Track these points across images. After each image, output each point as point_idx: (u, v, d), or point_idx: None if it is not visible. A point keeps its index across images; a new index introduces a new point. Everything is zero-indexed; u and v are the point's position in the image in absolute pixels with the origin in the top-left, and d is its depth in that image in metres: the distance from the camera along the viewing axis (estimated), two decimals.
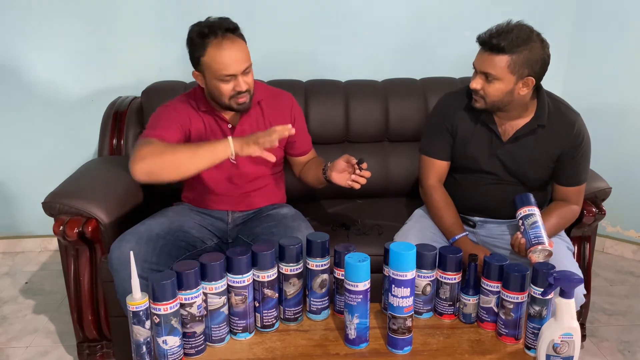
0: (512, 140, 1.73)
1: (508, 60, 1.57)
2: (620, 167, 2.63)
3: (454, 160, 1.83)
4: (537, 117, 1.70)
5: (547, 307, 1.33)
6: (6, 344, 2.14)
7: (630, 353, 2.07)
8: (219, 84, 1.67)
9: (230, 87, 1.67)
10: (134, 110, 2.31)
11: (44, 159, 2.72)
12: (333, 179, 1.69)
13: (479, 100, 1.68)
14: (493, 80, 1.61)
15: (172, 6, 2.52)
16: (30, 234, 2.87)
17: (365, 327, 1.37)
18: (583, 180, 1.78)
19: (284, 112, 1.87)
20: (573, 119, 1.72)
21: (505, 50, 1.56)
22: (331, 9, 2.56)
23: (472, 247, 1.70)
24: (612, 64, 2.64)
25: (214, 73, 1.65)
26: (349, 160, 1.65)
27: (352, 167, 1.64)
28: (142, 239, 1.64)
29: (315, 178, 1.83)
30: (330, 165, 1.71)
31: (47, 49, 2.56)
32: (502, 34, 1.55)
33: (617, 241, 2.86)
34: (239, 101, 1.71)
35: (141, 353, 1.26)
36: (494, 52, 1.57)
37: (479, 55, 1.63)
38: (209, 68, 1.65)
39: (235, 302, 1.37)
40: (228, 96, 1.69)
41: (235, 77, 1.66)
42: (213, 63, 1.63)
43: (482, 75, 1.62)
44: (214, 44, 1.63)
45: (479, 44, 1.61)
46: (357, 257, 1.33)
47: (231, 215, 1.88)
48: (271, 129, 1.51)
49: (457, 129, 1.79)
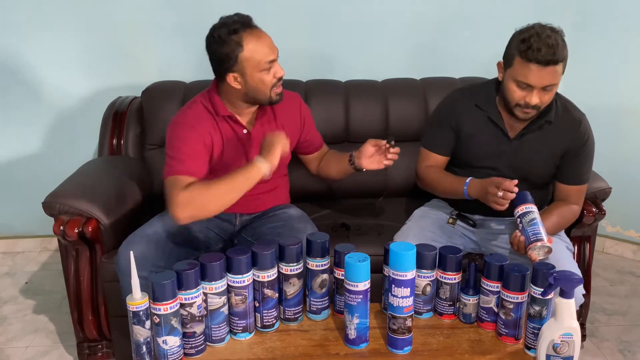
0: (519, 137, 1.74)
1: (562, 65, 1.58)
2: (620, 167, 2.63)
3: (458, 157, 1.84)
4: (545, 114, 1.70)
5: (547, 307, 1.33)
6: (6, 344, 2.14)
7: (630, 353, 2.07)
8: (262, 75, 1.64)
9: (271, 76, 1.66)
10: (134, 110, 2.31)
11: (44, 158, 2.72)
12: (364, 166, 1.75)
13: (531, 112, 1.65)
14: (552, 88, 1.61)
15: (173, 6, 2.51)
16: (30, 234, 2.87)
17: (365, 327, 1.37)
18: (585, 180, 1.78)
19: (294, 113, 1.87)
20: (579, 117, 1.74)
21: (560, 59, 1.56)
22: (331, 9, 2.56)
23: (486, 182, 1.64)
24: (612, 64, 2.64)
25: (257, 64, 1.62)
26: (377, 143, 1.71)
27: (383, 149, 1.71)
28: (152, 242, 1.64)
29: (340, 171, 1.87)
30: (357, 154, 1.76)
31: (47, 48, 2.56)
32: (553, 47, 1.53)
33: (617, 241, 2.85)
34: (277, 91, 1.70)
35: (141, 353, 1.26)
36: (550, 65, 1.55)
37: (535, 73, 1.56)
38: (251, 61, 1.62)
39: (235, 302, 1.37)
40: (270, 86, 1.67)
41: (273, 63, 1.66)
42: (255, 54, 1.62)
43: (541, 89, 1.60)
44: (248, 36, 1.61)
45: (536, 63, 1.55)
46: (357, 257, 1.33)
47: (239, 218, 1.87)
48: (276, 133, 1.57)
49: (462, 127, 1.79)
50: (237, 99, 1.72)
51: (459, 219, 1.87)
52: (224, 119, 1.74)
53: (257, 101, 1.72)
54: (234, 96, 1.71)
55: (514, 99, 1.63)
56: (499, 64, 1.69)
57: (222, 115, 1.73)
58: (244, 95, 1.70)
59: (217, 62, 1.66)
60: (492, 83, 1.79)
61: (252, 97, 1.70)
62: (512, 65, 1.60)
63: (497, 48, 1.75)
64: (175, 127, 1.70)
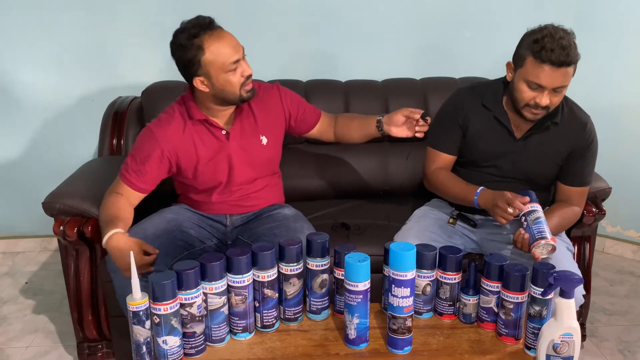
0: (525, 137, 1.74)
1: (574, 67, 1.58)
2: (620, 167, 2.63)
3: (463, 156, 1.84)
4: (551, 115, 1.70)
5: (547, 307, 1.33)
6: (6, 344, 2.14)
7: (630, 353, 2.07)
8: (229, 76, 1.64)
9: (238, 75, 1.65)
10: (134, 110, 2.31)
11: (44, 158, 2.72)
12: (393, 133, 1.75)
13: (540, 113, 1.65)
14: (562, 90, 1.60)
15: (173, 6, 2.51)
16: (30, 234, 2.87)
17: (365, 327, 1.37)
18: (587, 182, 1.78)
19: (274, 106, 1.85)
20: (585, 119, 1.74)
21: (573, 61, 1.56)
22: (331, 10, 2.56)
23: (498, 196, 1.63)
24: (612, 64, 2.64)
25: (221, 66, 1.62)
26: (410, 114, 1.71)
27: (414, 120, 1.71)
28: (148, 236, 1.64)
29: (364, 135, 1.87)
30: (387, 120, 1.76)
31: (47, 48, 2.56)
32: (566, 48, 1.53)
33: (617, 241, 2.85)
34: (247, 88, 1.69)
35: (141, 353, 1.26)
36: (563, 66, 1.55)
37: (548, 74, 1.55)
38: (214, 64, 1.62)
39: (235, 302, 1.37)
40: (239, 85, 1.66)
41: (239, 63, 1.65)
42: (217, 56, 1.61)
43: (551, 90, 1.59)
44: (209, 39, 1.61)
45: (549, 64, 1.54)
46: (357, 257, 1.33)
47: (229, 219, 1.87)
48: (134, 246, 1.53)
49: (469, 125, 1.79)
50: (209, 101, 1.72)
51: (460, 219, 1.87)
52: (200, 123, 1.75)
53: (228, 102, 1.71)
54: (205, 99, 1.72)
55: (524, 99, 1.62)
56: (509, 64, 1.68)
57: (197, 119, 1.74)
58: (213, 98, 1.70)
59: (182, 68, 1.67)
60: (499, 83, 1.78)
61: (221, 98, 1.70)
62: (524, 65, 1.59)
63: (497, 48, 1.76)
64: (143, 132, 1.77)
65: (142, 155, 1.71)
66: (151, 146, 1.72)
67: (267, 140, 1.81)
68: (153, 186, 1.75)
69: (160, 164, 1.72)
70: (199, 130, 1.75)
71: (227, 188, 1.82)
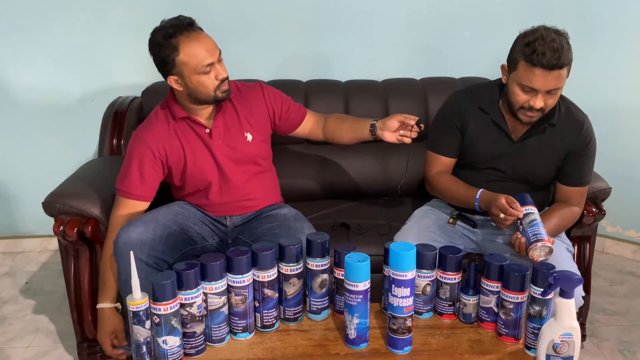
0: (522, 139, 1.74)
1: (567, 68, 1.57)
2: (620, 167, 2.63)
3: (462, 158, 1.84)
4: (548, 116, 1.70)
5: (547, 307, 1.33)
6: (6, 344, 2.14)
7: (630, 353, 2.07)
8: (202, 78, 1.65)
9: (212, 78, 1.66)
10: (134, 110, 2.31)
11: (44, 158, 2.72)
12: (386, 138, 1.75)
13: (535, 116, 1.65)
14: (556, 92, 1.60)
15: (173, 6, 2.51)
16: (30, 234, 2.87)
17: (365, 327, 1.37)
18: (586, 182, 1.78)
19: (257, 104, 1.85)
20: (582, 119, 1.74)
21: (565, 63, 1.55)
22: (331, 10, 2.56)
23: (493, 201, 1.64)
24: (612, 64, 2.64)
25: (194, 68, 1.63)
26: (404, 120, 1.70)
27: (408, 126, 1.71)
28: (150, 226, 1.65)
29: (356, 137, 1.87)
30: (381, 125, 1.75)
31: (47, 48, 2.56)
32: (558, 51, 1.52)
33: (617, 241, 2.85)
34: (223, 89, 1.70)
35: (141, 353, 1.26)
36: (555, 69, 1.54)
37: (540, 77, 1.55)
38: (187, 65, 1.63)
39: (235, 302, 1.37)
40: (213, 88, 1.67)
41: (213, 66, 1.66)
42: (190, 58, 1.63)
43: (545, 93, 1.59)
44: (184, 40, 1.62)
45: (541, 67, 1.54)
46: (357, 257, 1.33)
47: (229, 219, 1.88)
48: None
49: (466, 128, 1.79)
50: (185, 100, 1.74)
51: (459, 219, 1.87)
52: (182, 121, 1.76)
53: (202, 101, 1.73)
54: (181, 98, 1.74)
55: (518, 102, 1.62)
56: (503, 67, 1.68)
57: (179, 118, 1.75)
58: (188, 96, 1.72)
59: (158, 65, 1.69)
60: (495, 85, 1.78)
61: (195, 97, 1.71)
62: (517, 69, 1.59)
63: (497, 48, 1.75)
64: (131, 140, 1.77)
65: (134, 162, 1.73)
66: (141, 150, 1.73)
67: (252, 137, 1.82)
68: (153, 191, 1.76)
69: (154, 164, 1.74)
70: (182, 128, 1.77)
71: (224, 189, 1.82)
